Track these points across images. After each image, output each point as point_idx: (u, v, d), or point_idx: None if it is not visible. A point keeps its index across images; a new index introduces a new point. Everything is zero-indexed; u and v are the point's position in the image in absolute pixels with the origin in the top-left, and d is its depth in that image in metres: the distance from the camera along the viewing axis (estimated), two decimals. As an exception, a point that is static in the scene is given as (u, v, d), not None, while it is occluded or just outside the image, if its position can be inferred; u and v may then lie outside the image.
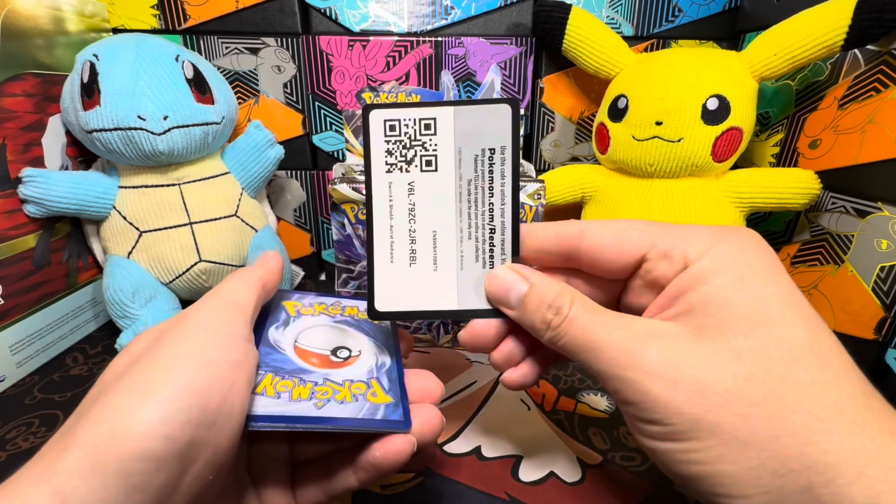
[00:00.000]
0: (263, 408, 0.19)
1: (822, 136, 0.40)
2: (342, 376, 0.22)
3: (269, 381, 0.20)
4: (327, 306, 0.28)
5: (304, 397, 0.20)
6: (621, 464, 0.29)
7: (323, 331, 0.26)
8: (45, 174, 0.37)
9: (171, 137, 0.38)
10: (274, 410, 0.19)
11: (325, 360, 0.23)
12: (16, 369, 0.36)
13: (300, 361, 0.22)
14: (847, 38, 0.35)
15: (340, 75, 0.48)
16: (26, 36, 0.36)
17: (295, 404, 0.20)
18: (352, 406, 0.21)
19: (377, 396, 0.22)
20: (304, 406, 0.20)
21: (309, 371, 0.22)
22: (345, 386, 0.22)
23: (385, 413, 0.21)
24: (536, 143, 0.52)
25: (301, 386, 0.21)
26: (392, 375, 0.24)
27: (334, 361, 0.23)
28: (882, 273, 0.34)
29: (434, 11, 0.47)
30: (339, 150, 0.51)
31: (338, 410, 0.20)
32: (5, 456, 0.29)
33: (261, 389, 0.20)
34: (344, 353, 0.24)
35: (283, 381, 0.21)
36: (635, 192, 0.43)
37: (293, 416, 0.19)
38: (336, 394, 0.21)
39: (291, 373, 0.21)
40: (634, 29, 0.49)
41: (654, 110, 0.40)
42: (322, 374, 0.22)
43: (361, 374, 0.23)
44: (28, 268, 0.37)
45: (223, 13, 0.46)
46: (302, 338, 0.25)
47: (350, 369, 0.23)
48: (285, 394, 0.20)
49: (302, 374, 0.22)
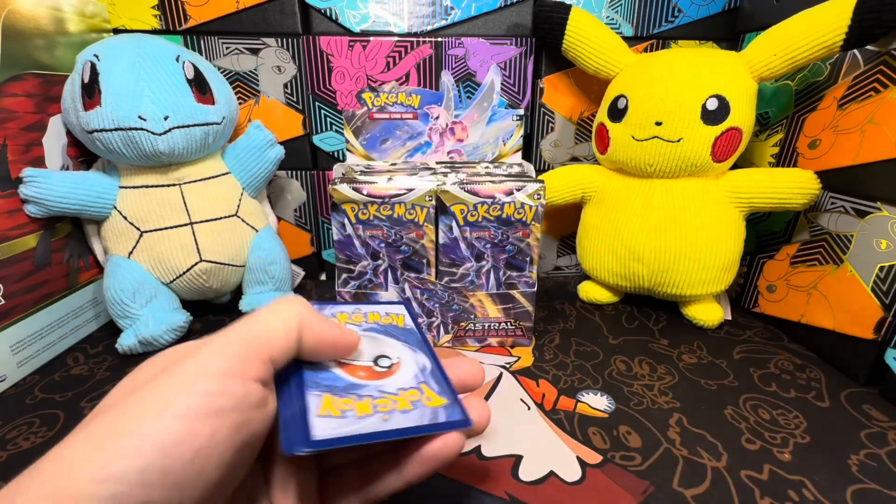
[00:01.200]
0: (333, 430, 0.19)
1: (822, 137, 0.40)
2: (393, 386, 0.23)
3: (329, 401, 0.20)
4: (349, 315, 0.27)
5: (369, 413, 0.20)
6: (621, 464, 0.29)
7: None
8: (46, 174, 0.37)
9: (171, 137, 0.38)
10: (345, 431, 0.19)
11: (370, 371, 0.23)
12: (16, 369, 0.36)
13: (348, 376, 0.22)
14: (846, 39, 0.35)
15: (341, 75, 0.48)
16: (27, 36, 0.36)
17: (362, 421, 0.20)
18: (414, 414, 0.21)
19: (432, 400, 0.22)
20: (372, 422, 0.20)
21: (361, 385, 0.22)
22: (399, 395, 0.22)
23: (446, 415, 0.22)
24: (536, 143, 0.53)
25: (360, 402, 0.21)
26: (437, 377, 0.24)
27: (379, 372, 0.23)
28: (881, 273, 0.35)
29: (434, 12, 0.47)
30: (340, 150, 0.51)
31: (403, 421, 0.21)
32: (6, 456, 0.29)
33: (324, 411, 0.20)
34: (385, 362, 0.24)
35: (343, 400, 0.21)
36: (635, 192, 0.43)
37: (365, 433, 0.19)
38: (395, 404, 0.21)
39: (346, 390, 0.21)
40: (634, 29, 0.49)
41: (654, 110, 0.40)
42: (374, 387, 0.22)
43: (410, 381, 0.23)
44: (29, 268, 0.37)
45: (224, 13, 0.46)
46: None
47: (397, 377, 0.23)
48: (349, 412, 0.20)
49: (356, 390, 0.22)
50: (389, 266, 0.39)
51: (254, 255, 0.44)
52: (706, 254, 0.41)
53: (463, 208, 0.37)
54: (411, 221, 0.38)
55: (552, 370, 0.38)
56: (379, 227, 0.38)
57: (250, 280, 0.45)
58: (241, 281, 0.46)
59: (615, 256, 0.45)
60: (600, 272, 0.47)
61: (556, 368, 0.39)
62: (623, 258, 0.44)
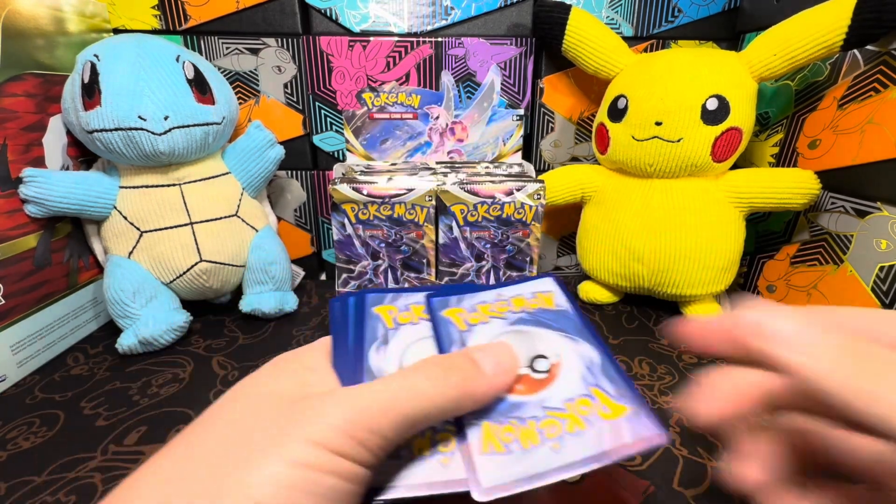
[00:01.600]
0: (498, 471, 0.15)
1: (822, 137, 0.40)
2: (559, 397, 0.18)
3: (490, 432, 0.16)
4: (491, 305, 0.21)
5: (536, 443, 0.16)
6: (621, 464, 0.29)
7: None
8: (46, 174, 0.37)
9: (171, 137, 0.38)
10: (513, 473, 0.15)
11: (528, 381, 0.18)
12: (17, 369, 0.36)
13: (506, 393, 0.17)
14: (846, 39, 0.35)
15: (341, 75, 0.48)
16: (27, 36, 0.36)
17: (531, 455, 0.16)
18: (590, 437, 0.16)
19: (610, 411, 0.17)
20: (543, 455, 0.16)
21: (521, 403, 0.17)
22: (568, 410, 0.17)
23: (633, 430, 0.16)
24: (536, 143, 0.53)
25: (524, 427, 0.16)
26: (611, 372, 0.19)
27: (538, 379, 0.18)
28: (881, 273, 0.35)
29: (434, 12, 0.47)
30: (340, 150, 0.51)
31: (578, 449, 0.16)
32: (6, 456, 0.29)
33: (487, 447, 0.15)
34: (543, 364, 0.19)
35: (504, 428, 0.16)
36: (635, 192, 0.43)
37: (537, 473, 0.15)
38: (564, 424, 0.17)
39: (505, 413, 0.17)
40: (634, 29, 0.49)
41: (654, 110, 0.40)
42: (536, 403, 0.17)
43: (578, 387, 0.18)
44: (29, 268, 0.37)
45: (224, 13, 0.46)
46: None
47: (561, 384, 0.18)
48: (513, 444, 0.16)
49: (517, 412, 0.17)
50: (389, 266, 0.39)
51: (254, 255, 0.44)
52: (706, 254, 0.41)
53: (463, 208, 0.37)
54: (411, 221, 0.38)
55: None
56: (379, 227, 0.38)
57: (250, 280, 0.45)
58: (242, 281, 0.46)
59: (615, 256, 0.45)
60: (600, 272, 0.47)
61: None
62: (623, 258, 0.44)
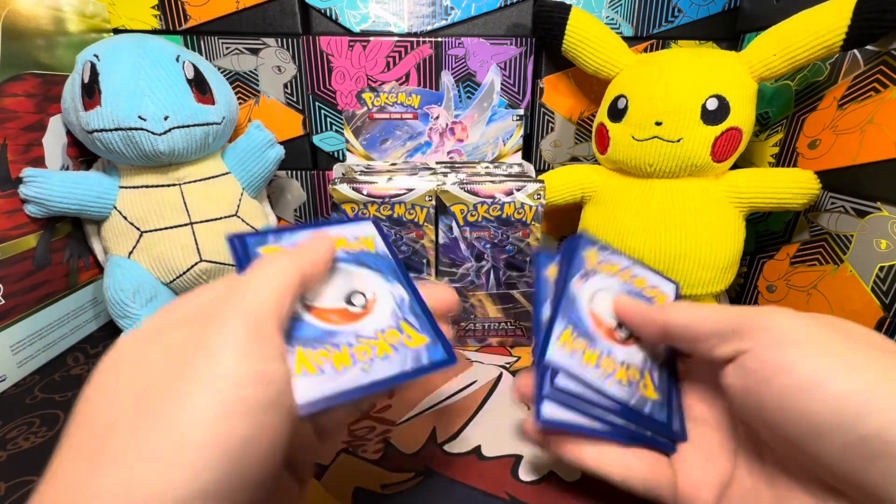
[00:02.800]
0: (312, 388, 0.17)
1: (822, 137, 0.40)
2: (371, 328, 0.21)
3: (303, 356, 0.18)
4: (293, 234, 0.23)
5: (348, 364, 0.19)
6: (621, 463, 0.29)
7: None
8: (46, 174, 0.37)
9: (171, 137, 0.38)
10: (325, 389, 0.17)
11: (344, 313, 0.21)
12: (16, 369, 0.36)
13: (320, 323, 0.20)
14: (846, 39, 0.35)
15: (341, 76, 0.48)
16: (27, 36, 0.36)
17: (343, 375, 0.18)
18: (395, 360, 0.20)
19: (413, 339, 0.21)
20: (353, 375, 0.18)
21: (335, 332, 0.20)
22: (378, 338, 0.20)
23: (429, 356, 0.20)
24: (536, 143, 0.53)
25: (338, 352, 0.19)
26: (417, 310, 0.22)
27: (354, 313, 0.21)
28: (881, 273, 0.35)
29: (434, 12, 0.47)
30: (340, 151, 0.51)
31: (385, 369, 0.19)
32: (6, 456, 0.29)
33: (299, 369, 0.18)
34: (360, 300, 0.22)
35: (318, 352, 0.19)
36: (635, 192, 0.43)
37: (346, 390, 0.18)
38: (375, 350, 0.20)
39: (319, 340, 0.19)
40: (634, 29, 0.49)
41: (654, 110, 0.40)
42: (351, 332, 0.20)
43: (388, 320, 0.21)
44: (29, 268, 0.37)
45: (224, 13, 0.46)
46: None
47: (374, 317, 0.21)
48: (326, 365, 0.18)
49: (331, 339, 0.19)
50: (389, 266, 0.39)
51: (254, 255, 0.44)
52: (706, 254, 0.41)
53: (463, 208, 0.37)
54: (411, 221, 0.38)
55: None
56: (379, 227, 0.38)
57: (250, 280, 0.45)
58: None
59: (615, 256, 0.45)
60: (600, 272, 0.47)
61: (556, 368, 0.39)
62: (623, 258, 0.44)
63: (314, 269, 0.20)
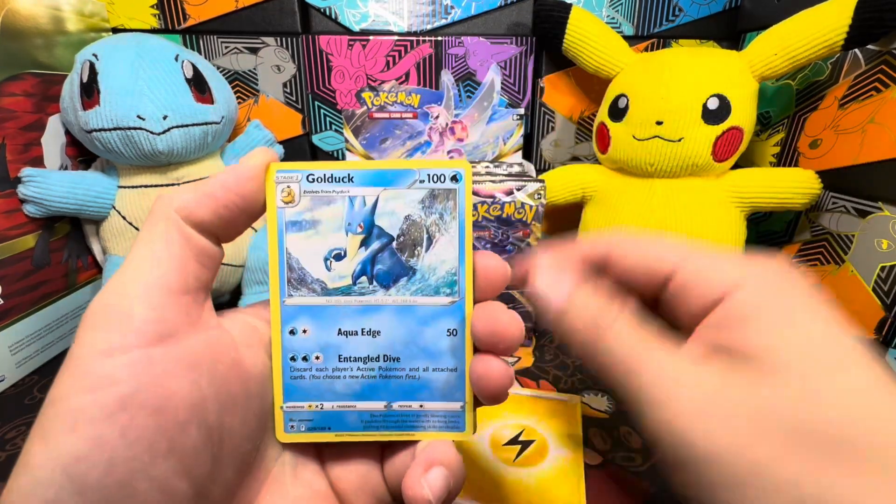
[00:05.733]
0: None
1: (823, 136, 0.40)
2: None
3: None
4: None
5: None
6: (621, 464, 0.29)
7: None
8: (45, 174, 0.36)
9: (170, 137, 0.38)
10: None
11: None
12: (15, 369, 0.36)
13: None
14: (847, 38, 0.34)
15: (340, 75, 0.48)
16: (26, 36, 0.36)
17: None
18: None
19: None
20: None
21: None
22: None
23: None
24: (536, 143, 0.52)
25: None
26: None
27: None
28: (882, 273, 0.34)
29: (434, 11, 0.47)
30: (339, 150, 0.51)
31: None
32: (5, 456, 0.29)
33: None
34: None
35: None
36: (635, 191, 0.43)
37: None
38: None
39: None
40: (635, 28, 0.48)
41: (655, 110, 0.39)
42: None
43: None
44: (28, 268, 0.37)
45: (223, 13, 0.46)
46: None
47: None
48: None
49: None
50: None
51: (253, 255, 0.44)
52: (707, 254, 0.41)
53: (463, 208, 0.37)
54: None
55: (553, 371, 0.38)
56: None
57: (249, 280, 0.44)
58: (240, 281, 0.45)
59: (615, 256, 0.45)
60: (600, 272, 0.47)
61: (557, 369, 0.39)
62: (623, 258, 0.44)
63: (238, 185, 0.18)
